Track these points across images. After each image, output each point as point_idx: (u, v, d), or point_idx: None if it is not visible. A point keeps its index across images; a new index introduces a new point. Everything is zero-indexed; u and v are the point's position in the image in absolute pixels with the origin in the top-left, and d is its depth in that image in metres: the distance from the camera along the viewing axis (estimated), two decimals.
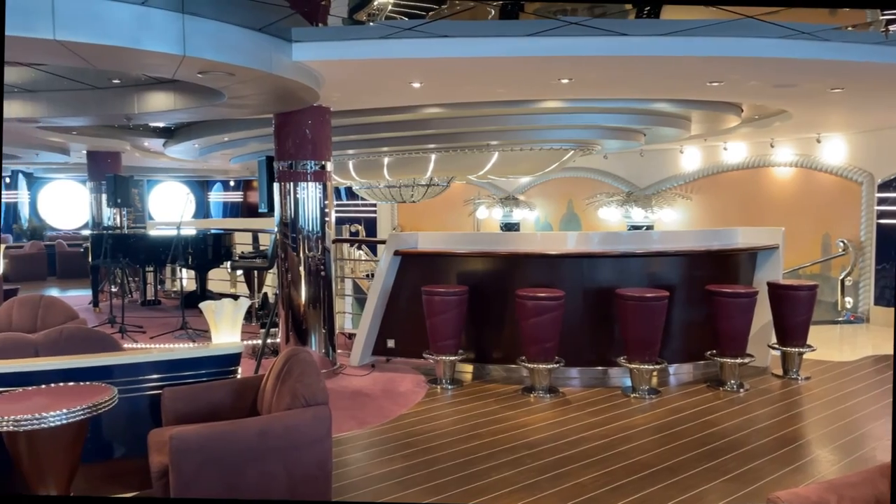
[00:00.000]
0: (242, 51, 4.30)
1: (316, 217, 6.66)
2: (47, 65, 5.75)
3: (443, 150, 9.80)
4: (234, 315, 4.81)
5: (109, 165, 11.97)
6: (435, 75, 5.51)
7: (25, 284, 12.09)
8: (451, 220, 16.43)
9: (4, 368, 3.87)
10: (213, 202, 23.80)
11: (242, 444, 3.30)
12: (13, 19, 3.41)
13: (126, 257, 9.45)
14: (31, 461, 3.24)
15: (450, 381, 6.31)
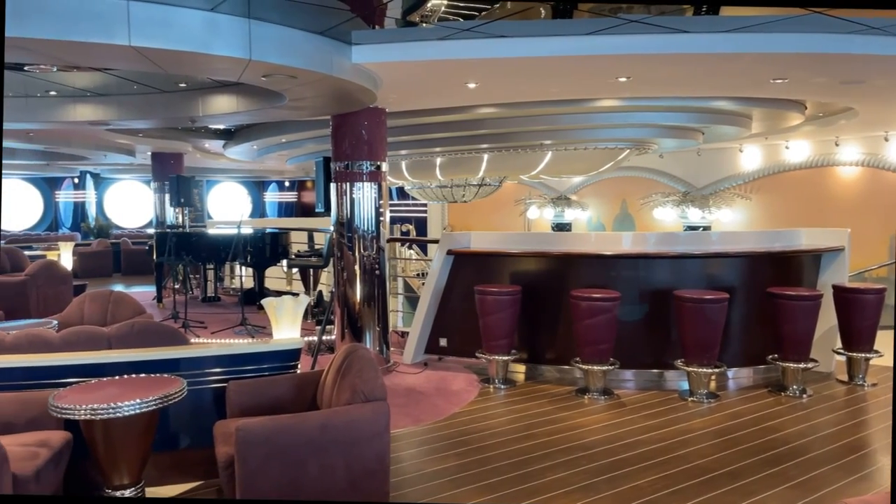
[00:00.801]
0: (304, 54, 4.41)
1: (371, 217, 6.76)
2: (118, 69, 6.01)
3: (495, 150, 9.82)
4: (294, 312, 4.92)
5: (172, 166, 12.41)
6: (491, 75, 5.53)
7: (92, 281, 12.60)
8: (501, 220, 16.41)
9: (80, 360, 4.08)
10: (268, 202, 24.37)
11: (305, 436, 3.38)
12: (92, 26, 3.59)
13: (189, 255, 9.76)
14: (106, 449, 3.40)
15: (502, 380, 6.32)
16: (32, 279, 9.28)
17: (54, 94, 6.88)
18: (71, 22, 3.55)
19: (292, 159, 13.17)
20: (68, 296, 9.61)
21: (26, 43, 3.65)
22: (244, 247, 9.80)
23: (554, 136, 9.15)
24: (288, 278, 11.60)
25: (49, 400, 3.37)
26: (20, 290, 9.01)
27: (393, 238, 9.18)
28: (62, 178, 19.67)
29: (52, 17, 3.51)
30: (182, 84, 6.23)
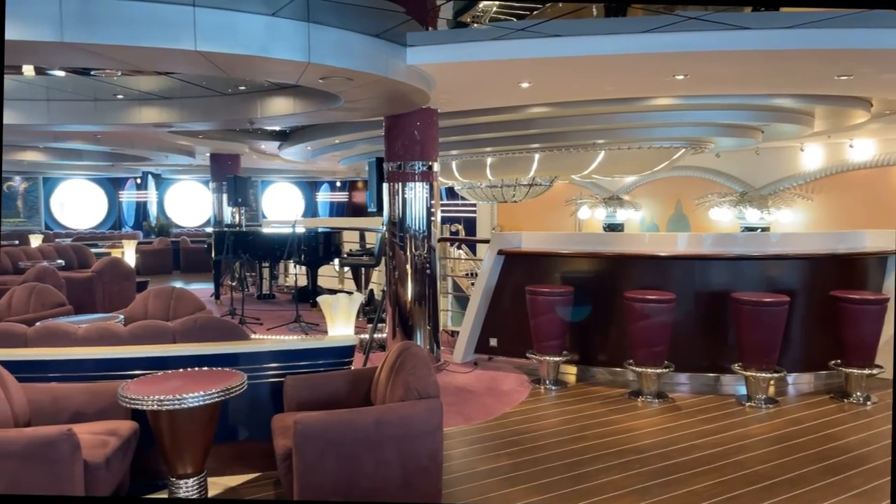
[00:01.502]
0: (361, 56, 4.49)
1: (422, 216, 6.81)
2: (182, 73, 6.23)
3: (547, 150, 9.76)
4: (348, 309, 5.01)
5: (230, 167, 12.77)
6: (545, 75, 5.51)
7: (153, 278, 13.08)
8: (551, 221, 16.29)
9: (147, 353, 4.25)
10: (320, 202, 24.79)
11: (360, 431, 3.44)
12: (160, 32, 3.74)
13: (245, 253, 10.02)
14: (172, 439, 3.53)
15: (553, 381, 6.29)
16: (99, 275, 9.69)
17: (121, 98, 7.18)
18: (140, 28, 3.71)
19: (345, 160, 13.38)
20: (131, 292, 10.00)
21: (98, 48, 3.83)
22: (298, 246, 10.00)
23: (607, 135, 9.05)
24: (340, 277, 11.79)
25: (118, 391, 3.52)
26: (87, 285, 9.41)
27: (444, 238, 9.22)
28: (125, 179, 20.46)
29: (123, 24, 3.67)
30: (242, 87, 6.41)
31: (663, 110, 7.97)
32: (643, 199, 15.02)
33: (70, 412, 3.85)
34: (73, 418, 3.80)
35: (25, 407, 3.78)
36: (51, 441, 3.17)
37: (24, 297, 6.68)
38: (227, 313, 9.47)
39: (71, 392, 3.93)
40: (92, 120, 7.48)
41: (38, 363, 4.08)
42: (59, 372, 4.11)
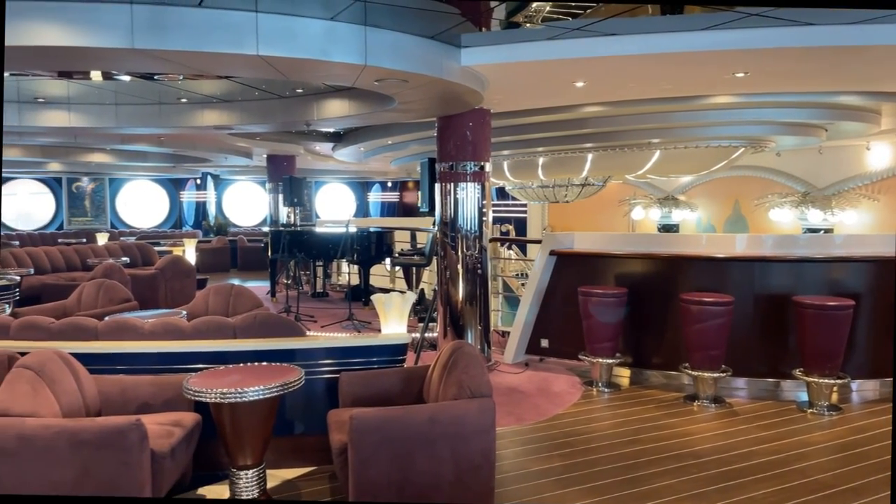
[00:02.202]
0: (416, 58, 4.54)
1: (474, 216, 6.83)
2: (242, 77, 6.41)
3: (600, 149, 9.65)
4: (401, 308, 5.07)
5: (286, 168, 13.06)
6: (600, 74, 5.46)
7: (212, 275, 13.48)
8: (604, 221, 16.06)
9: (209, 347, 4.40)
10: (371, 202, 25.08)
11: (414, 428, 3.49)
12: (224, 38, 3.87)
13: (301, 252, 10.23)
14: (233, 430, 3.65)
15: (606, 384, 6.22)
16: (161, 273, 10.05)
17: (184, 101, 7.45)
18: (205, 34, 3.85)
19: (396, 160, 13.51)
20: (192, 289, 10.35)
21: (166, 55, 3.99)
22: (351, 245, 10.16)
23: (663, 134, 8.89)
24: (391, 276, 11.91)
25: (183, 383, 3.66)
26: (151, 282, 9.78)
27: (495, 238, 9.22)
28: (186, 180, 21.16)
29: (189, 31, 3.81)
30: (299, 90, 6.56)
31: (722, 108, 7.78)
32: (699, 199, 14.68)
33: (137, 403, 4.02)
34: (140, 409, 3.97)
35: (96, 397, 3.97)
36: (121, 430, 3.31)
37: (93, 293, 6.99)
38: (282, 310, 9.69)
39: (138, 384, 4.10)
40: (157, 123, 7.77)
41: (107, 356, 4.28)
42: (126, 364, 4.30)
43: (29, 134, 9.74)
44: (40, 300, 8.43)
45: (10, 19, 3.75)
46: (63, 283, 9.55)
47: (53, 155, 13.70)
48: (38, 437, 3.26)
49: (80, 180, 20.08)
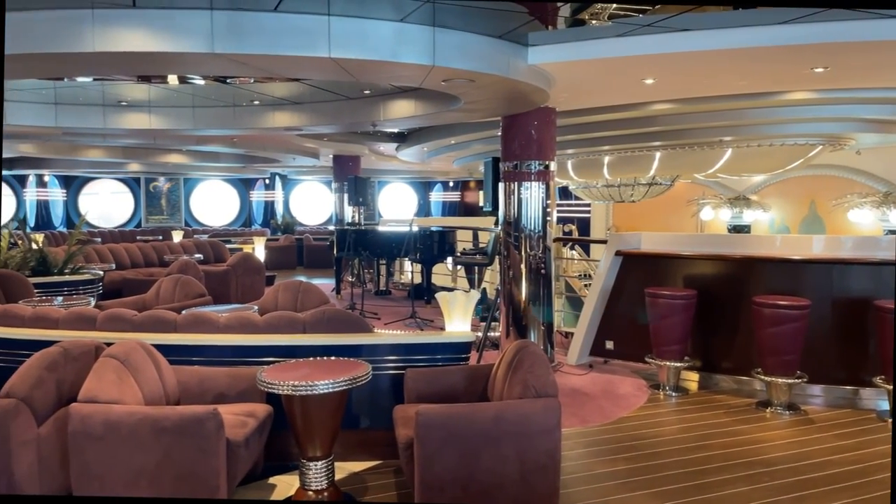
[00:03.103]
0: (483, 58, 4.56)
1: (538, 216, 6.80)
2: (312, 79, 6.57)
3: (669, 148, 9.43)
4: (465, 306, 5.09)
5: (351, 168, 13.31)
6: (671, 71, 5.35)
7: (279, 272, 13.86)
8: (670, 222, 15.68)
9: (280, 342, 4.54)
10: (433, 202, 25.25)
11: (479, 425, 3.51)
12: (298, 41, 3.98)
13: (365, 250, 10.41)
14: (304, 422, 3.75)
15: (673, 388, 6.08)
16: (233, 269, 10.42)
17: (257, 104, 7.70)
18: (280, 38, 3.98)
19: (459, 160, 13.57)
20: (261, 285, 10.69)
21: (244, 58, 4.14)
22: (414, 244, 10.26)
23: (735, 131, 8.62)
24: (453, 275, 11.97)
25: (257, 375, 3.79)
26: (223, 278, 10.15)
27: (559, 238, 9.14)
28: (255, 180, 21.84)
29: (265, 34, 3.95)
30: (366, 91, 6.68)
31: (798, 105, 7.48)
32: (773, 199, 14.14)
33: (214, 393, 4.19)
34: (215, 399, 4.13)
35: (175, 387, 4.16)
36: (199, 419, 3.46)
37: (171, 288, 7.31)
38: (347, 307, 9.89)
39: (214, 375, 4.27)
40: (230, 124, 8.06)
41: (186, 348, 4.47)
42: (203, 356, 4.49)
43: (112, 136, 10.28)
44: (121, 294, 8.88)
45: (98, 27, 3.98)
46: (142, 277, 10.03)
47: (133, 156, 14.39)
48: (123, 424, 3.44)
49: (157, 180, 21.02)
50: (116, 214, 20.72)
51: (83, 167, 17.84)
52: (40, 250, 8.59)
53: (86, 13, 3.90)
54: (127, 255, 11.51)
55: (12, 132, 9.31)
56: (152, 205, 21.19)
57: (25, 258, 8.39)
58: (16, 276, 7.50)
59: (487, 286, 10.23)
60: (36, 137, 10.90)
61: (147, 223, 20.88)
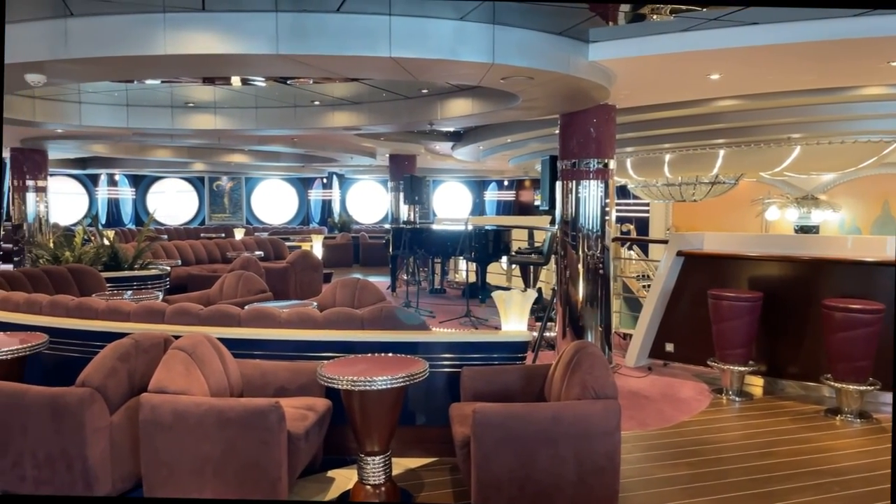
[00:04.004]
0: (543, 55, 4.52)
1: (596, 215, 6.70)
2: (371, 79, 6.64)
3: (734, 145, 9.14)
4: (522, 305, 5.06)
5: (406, 167, 13.42)
6: (738, 66, 5.18)
7: (336, 270, 14.07)
8: (733, 221, 15.22)
9: (339, 337, 4.61)
10: (487, 201, 25.20)
11: (537, 425, 3.48)
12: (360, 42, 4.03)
13: (421, 249, 10.47)
14: (362, 417, 3.79)
15: (737, 392, 5.90)
16: (292, 266, 10.64)
17: (317, 104, 7.84)
18: (342, 38, 4.04)
19: (514, 159, 13.50)
20: (319, 282, 10.89)
21: (307, 59, 4.22)
22: (469, 243, 10.26)
23: (804, 128, 8.28)
24: (507, 274, 11.92)
25: (317, 370, 3.86)
26: (283, 275, 10.38)
27: (618, 237, 8.98)
28: (313, 179, 22.28)
29: (328, 35, 4.02)
30: (424, 90, 6.71)
31: (873, 100, 7.14)
32: (843, 199, 13.56)
33: (275, 387, 4.29)
34: (277, 392, 4.23)
35: (239, 379, 4.27)
36: (262, 411, 3.55)
37: (234, 283, 7.53)
38: (402, 305, 9.97)
39: (276, 369, 4.37)
40: (292, 124, 8.24)
41: (249, 341, 4.59)
42: (264, 350, 4.60)
43: (179, 136, 10.64)
44: (186, 289, 9.19)
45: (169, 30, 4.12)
46: (205, 273, 10.35)
47: (198, 156, 14.87)
48: (190, 414, 3.56)
49: (220, 179, 21.69)
50: (181, 212, 21.47)
51: (151, 166, 18.56)
52: (112, 246, 8.97)
53: (157, 17, 4.05)
54: (192, 252, 11.89)
55: (87, 133, 9.75)
56: (215, 203, 21.87)
57: (98, 254, 8.78)
58: (90, 270, 7.85)
59: (543, 286, 10.15)
60: (108, 138, 11.39)
61: (210, 221, 21.56)
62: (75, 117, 7.71)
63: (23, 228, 11.43)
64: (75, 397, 3.68)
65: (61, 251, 8.74)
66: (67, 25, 4.19)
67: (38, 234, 11.26)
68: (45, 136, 9.88)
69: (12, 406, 3.79)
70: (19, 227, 11.49)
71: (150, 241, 9.84)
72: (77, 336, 4.84)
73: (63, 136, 9.93)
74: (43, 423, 3.72)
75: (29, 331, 4.77)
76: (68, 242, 9.02)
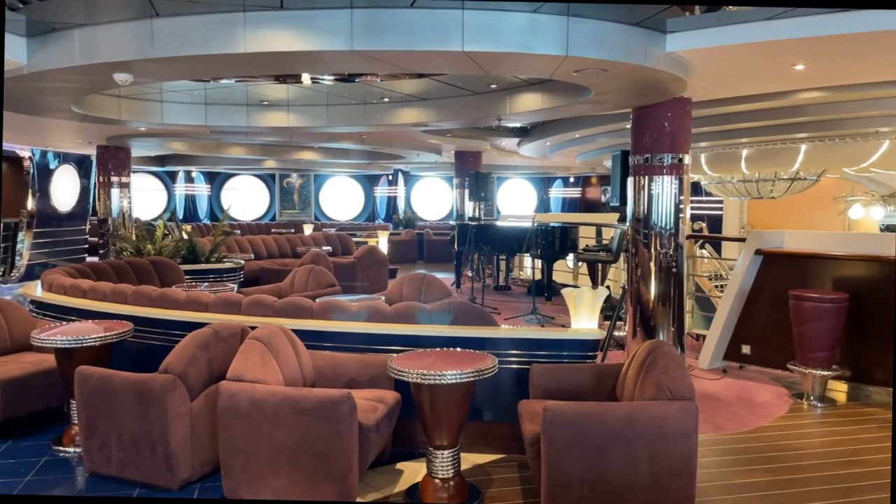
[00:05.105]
0: (618, 46, 4.42)
1: (669, 212, 6.50)
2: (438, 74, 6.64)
3: (817, 140, 8.72)
4: (592, 303, 4.97)
5: (472, 163, 13.41)
6: (826, 55, 4.91)
7: (401, 266, 14.20)
8: (813, 220, 14.54)
9: (408, 331, 4.64)
10: (552, 198, 24.93)
11: (610, 425, 3.41)
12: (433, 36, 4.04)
13: (487, 245, 10.45)
14: (431, 411, 3.80)
15: (819, 398, 5.63)
16: (359, 261, 10.82)
17: (386, 101, 7.92)
18: (416, 33, 4.05)
19: (582, 155, 13.29)
20: (385, 277, 11.03)
21: (380, 55, 4.26)
22: (536, 240, 10.17)
23: (893, 121, 7.82)
24: (574, 272, 11.75)
25: (388, 362, 3.89)
26: (350, 269, 10.56)
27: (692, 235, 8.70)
28: (379, 176, 22.58)
29: (402, 31, 4.04)
30: (493, 85, 6.67)
31: None
32: None
33: (346, 378, 4.36)
34: (348, 384, 4.29)
35: (311, 370, 4.36)
36: (334, 401, 3.61)
37: (304, 277, 7.70)
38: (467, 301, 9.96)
39: (347, 361, 4.44)
40: (362, 121, 8.36)
41: (321, 333, 4.68)
42: (335, 342, 4.68)
43: (253, 133, 10.96)
44: (259, 282, 9.47)
45: (249, 29, 4.23)
46: (276, 267, 10.63)
47: (270, 153, 15.29)
48: (266, 402, 3.65)
49: (289, 176, 22.26)
50: (253, 208, 22.15)
51: (226, 164, 19.21)
52: (190, 240, 9.33)
53: (238, 16, 4.17)
54: (264, 247, 12.25)
55: (167, 131, 10.17)
56: (285, 199, 22.45)
57: (177, 247, 9.15)
58: (170, 262, 8.20)
59: (611, 284, 9.96)
60: (187, 136, 11.85)
61: (280, 217, 22.15)
62: (157, 116, 8.05)
63: (107, 222, 12.03)
64: (159, 383, 3.83)
65: (143, 244, 9.15)
66: (153, 26, 4.37)
67: (122, 227, 11.82)
68: (128, 135, 10.35)
69: (102, 390, 3.99)
70: (104, 221, 12.10)
71: (225, 236, 10.19)
72: (159, 325, 5.05)
73: (145, 135, 10.39)
74: (129, 407, 3.90)
75: (115, 319, 5.01)
76: (150, 236, 9.44)
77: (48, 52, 4.92)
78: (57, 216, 13.15)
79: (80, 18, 4.63)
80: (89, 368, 4.08)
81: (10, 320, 5.30)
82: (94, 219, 14.05)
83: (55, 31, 4.83)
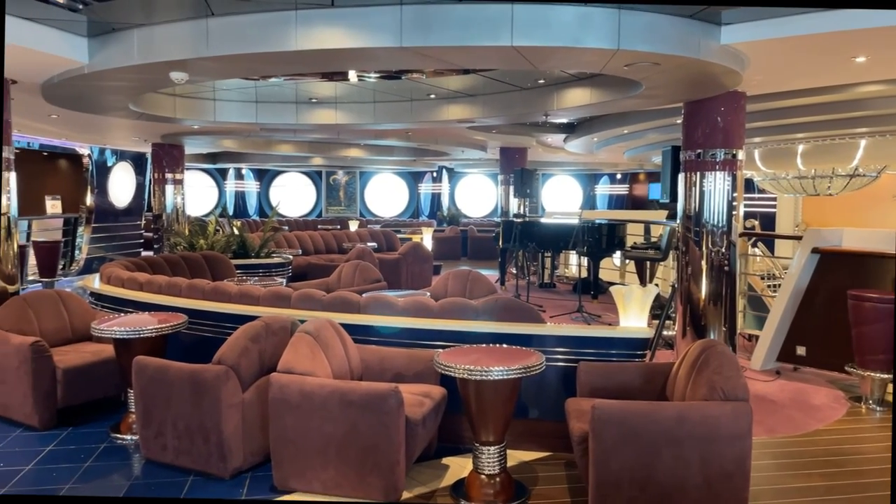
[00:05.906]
0: (671, 39, 4.33)
1: (722, 209, 6.35)
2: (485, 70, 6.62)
3: (878, 135, 8.39)
4: (642, 301, 4.88)
5: (517, 160, 13.34)
6: (888, 47, 4.73)
7: (445, 262, 14.23)
8: (870, 218, 13.99)
9: (454, 327, 4.64)
10: (598, 195, 24.62)
11: (660, 424, 3.35)
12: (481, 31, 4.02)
13: (532, 242, 10.38)
14: (478, 407, 3.80)
15: (878, 401, 5.43)
16: (404, 258, 10.89)
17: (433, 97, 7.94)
18: (465, 29, 4.05)
19: (630, 151, 13.09)
20: (429, 273, 11.07)
21: (428, 51, 4.26)
22: (582, 237, 10.06)
23: None
24: (621, 270, 11.58)
25: (434, 358, 3.90)
26: (395, 265, 10.64)
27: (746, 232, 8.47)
28: (424, 173, 22.68)
29: (450, 27, 4.04)
30: (540, 80, 6.62)
31: None
32: None
33: (392, 372, 4.39)
34: (394, 378, 4.32)
35: (359, 364, 4.41)
36: (382, 395, 3.64)
37: (351, 273, 7.79)
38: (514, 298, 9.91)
39: (394, 355, 4.48)
40: (408, 118, 8.40)
41: (369, 328, 4.73)
42: (381, 336, 4.72)
43: (301, 131, 11.14)
44: (306, 277, 9.62)
45: (301, 27, 4.29)
46: (323, 263, 10.79)
47: (317, 150, 15.51)
48: (315, 394, 3.71)
49: (336, 173, 22.55)
50: (300, 205, 22.51)
51: (274, 161, 19.57)
52: (240, 235, 9.54)
53: (290, 14, 4.24)
54: (311, 242, 12.43)
55: (219, 129, 10.42)
56: (332, 196, 22.76)
57: (228, 242, 9.36)
58: (221, 257, 8.39)
59: (659, 282, 9.78)
60: (237, 134, 12.12)
61: (326, 213, 22.46)
62: (210, 114, 8.25)
63: (162, 218, 12.40)
64: (212, 374, 3.93)
65: (196, 239, 9.39)
66: (208, 25, 4.47)
67: (176, 223, 12.17)
68: (182, 133, 10.64)
69: (158, 380, 4.11)
70: (159, 216, 12.49)
71: (274, 232, 10.38)
72: (212, 317, 5.18)
73: (198, 132, 10.66)
74: (183, 396, 4.01)
75: (170, 311, 5.16)
76: (202, 231, 9.68)
77: (108, 52, 5.09)
78: (114, 212, 13.63)
79: (138, 18, 4.77)
80: (146, 359, 4.21)
81: (71, 311, 5.51)
82: (149, 214, 14.50)
83: (115, 31, 4.99)
